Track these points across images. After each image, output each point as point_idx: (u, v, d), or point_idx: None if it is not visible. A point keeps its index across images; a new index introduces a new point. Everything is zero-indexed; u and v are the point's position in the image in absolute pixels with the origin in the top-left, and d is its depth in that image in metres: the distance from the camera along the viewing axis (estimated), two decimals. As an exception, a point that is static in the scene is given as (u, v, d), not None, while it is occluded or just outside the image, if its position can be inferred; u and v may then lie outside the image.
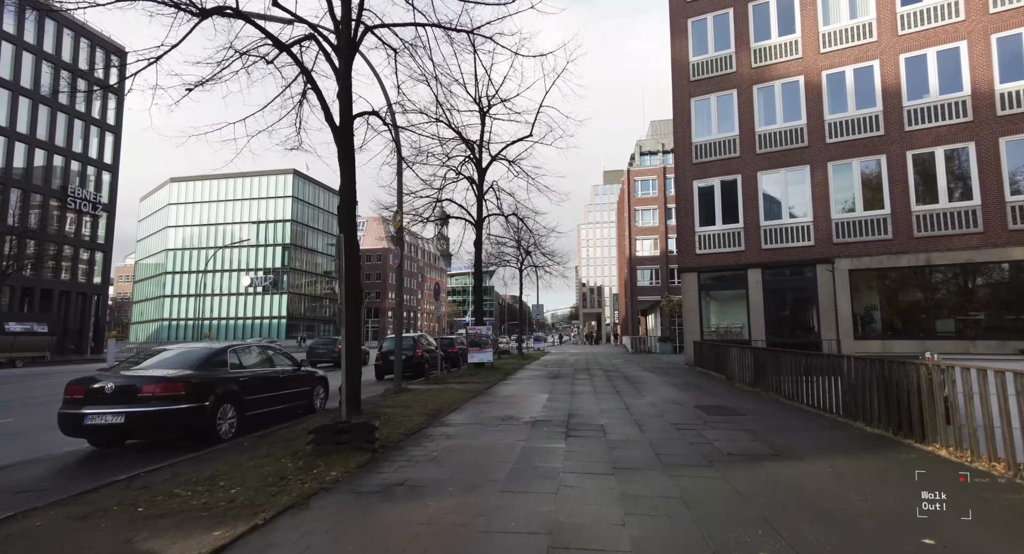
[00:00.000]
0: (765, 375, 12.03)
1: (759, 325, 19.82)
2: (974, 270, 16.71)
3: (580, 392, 12.31)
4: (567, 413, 9.09)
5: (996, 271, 16.62)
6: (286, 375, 9.11)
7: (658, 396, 11.66)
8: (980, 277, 16.85)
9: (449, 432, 7.38)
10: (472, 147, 18.39)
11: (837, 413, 8.45)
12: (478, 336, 18.39)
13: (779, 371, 11.16)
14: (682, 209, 21.86)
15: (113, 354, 26.67)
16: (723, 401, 10.63)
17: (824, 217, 18.96)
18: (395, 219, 12.91)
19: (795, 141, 19.68)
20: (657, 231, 57.08)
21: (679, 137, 22.14)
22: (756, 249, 20.12)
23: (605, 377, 16.38)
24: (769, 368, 11.77)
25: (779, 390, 11.13)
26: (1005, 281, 16.41)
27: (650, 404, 10.28)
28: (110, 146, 44.28)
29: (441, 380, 15.06)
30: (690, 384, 14.08)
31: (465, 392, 12.02)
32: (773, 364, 11.57)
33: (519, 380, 15.54)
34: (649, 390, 12.79)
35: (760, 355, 12.45)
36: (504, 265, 29.74)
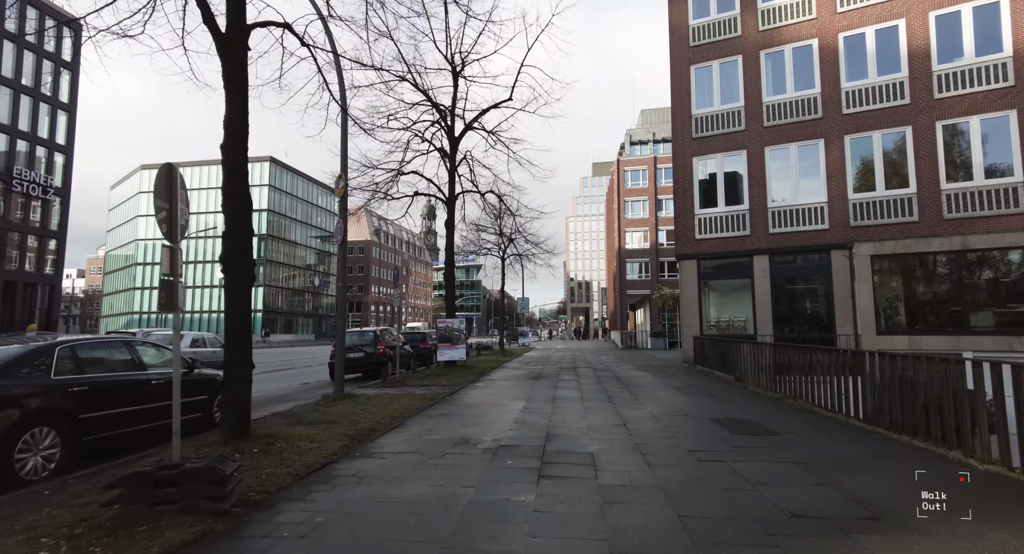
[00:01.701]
0: (788, 377, 9.85)
1: (766, 318, 17.71)
2: (1018, 256, 14.65)
3: (564, 399, 10.03)
4: (544, 432, 6.80)
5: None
6: (164, 380, 6.71)
7: (660, 404, 9.42)
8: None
9: (366, 471, 5.04)
10: (443, 113, 15.98)
11: (905, 431, 6.27)
12: (448, 330, 16.05)
13: (811, 371, 8.97)
14: (680, 189, 19.64)
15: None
16: (742, 411, 8.41)
17: (840, 197, 16.85)
18: (338, 186, 10.51)
19: (807, 112, 17.53)
20: (647, 223, 55.11)
21: (677, 109, 19.90)
22: (763, 233, 17.98)
23: (594, 378, 14.13)
24: (795, 369, 9.59)
25: (808, 397, 8.95)
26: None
27: (652, 417, 8.03)
28: (63, 126, 41.08)
29: (400, 382, 12.72)
30: (694, 387, 11.87)
31: (421, 399, 9.69)
32: (801, 364, 9.38)
33: (493, 382, 13.23)
34: (647, 395, 10.55)
35: (782, 353, 10.25)
36: (485, 254, 27.36)
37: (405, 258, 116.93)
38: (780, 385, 10.20)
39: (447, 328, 16.08)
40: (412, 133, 15.36)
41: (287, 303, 78.71)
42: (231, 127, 5.81)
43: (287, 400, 10.95)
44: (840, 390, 7.90)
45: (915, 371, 6.16)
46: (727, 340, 14.34)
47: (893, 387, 6.51)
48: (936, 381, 5.74)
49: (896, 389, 6.47)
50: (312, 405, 9.44)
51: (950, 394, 5.50)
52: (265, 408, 9.64)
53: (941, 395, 5.62)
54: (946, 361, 5.70)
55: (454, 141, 16.08)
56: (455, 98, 15.83)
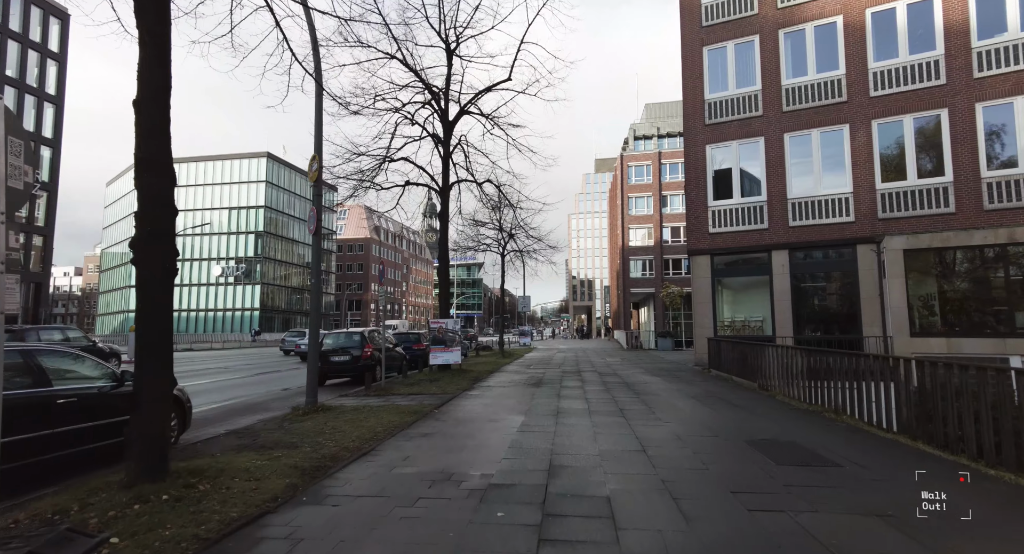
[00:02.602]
0: (826, 387, 8.54)
1: (785, 318, 16.40)
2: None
3: (569, 412, 8.73)
4: (547, 461, 5.51)
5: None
6: (78, 398, 5.44)
7: (680, 419, 8.12)
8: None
9: (307, 528, 3.75)
10: (436, 95, 14.67)
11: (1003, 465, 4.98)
12: (443, 331, 14.74)
13: (856, 379, 7.66)
14: (692, 180, 18.32)
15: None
16: (780, 430, 7.11)
17: (867, 187, 15.52)
18: (311, 169, 9.22)
19: (831, 95, 16.19)
20: (651, 220, 53.77)
21: (689, 94, 18.56)
22: (782, 227, 16.66)
23: (601, 384, 12.83)
24: (838, 377, 8.27)
25: (855, 412, 7.65)
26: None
27: (675, 437, 6.74)
28: (50, 118, 39.86)
29: (386, 390, 11.44)
30: (715, 396, 10.57)
31: (404, 413, 8.40)
32: (846, 371, 8.07)
33: (489, 389, 11.94)
34: (664, 407, 9.26)
35: (819, 359, 8.92)
36: (484, 250, 26.04)
37: (406, 256, 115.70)
38: (815, 395, 8.90)
39: (441, 329, 14.79)
40: (402, 115, 14.06)
41: (285, 301, 77.52)
42: (146, 77, 4.52)
43: (255, 411, 9.68)
44: (897, 403, 6.60)
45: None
46: (748, 342, 13.03)
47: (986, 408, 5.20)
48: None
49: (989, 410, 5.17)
50: (278, 420, 8.17)
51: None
52: (224, 423, 8.38)
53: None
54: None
55: (448, 126, 14.77)
56: (449, 78, 14.52)
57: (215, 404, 10.83)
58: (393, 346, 16.84)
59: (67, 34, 40.88)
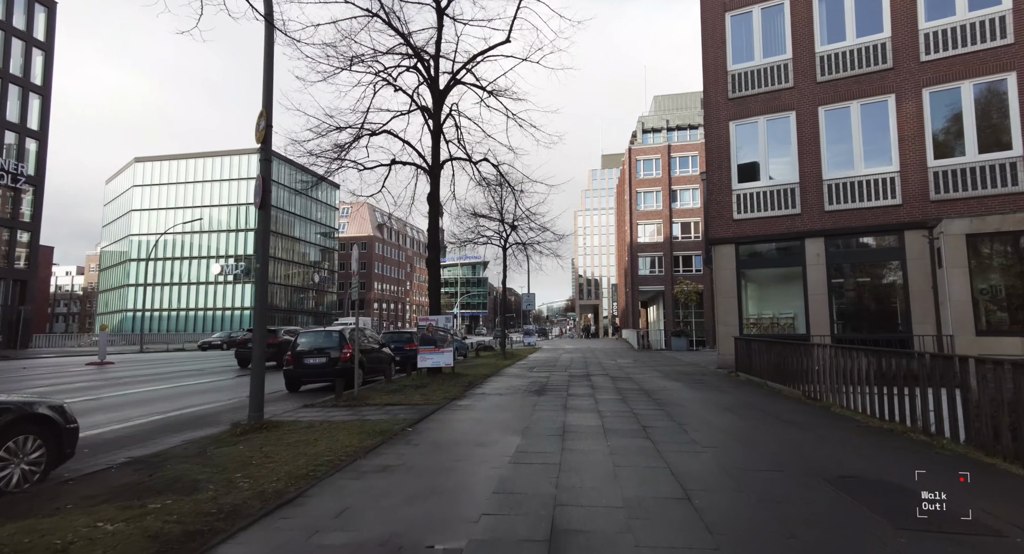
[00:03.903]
0: (909, 398, 6.66)
1: (820, 314, 14.52)
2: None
3: (578, 432, 6.90)
4: (547, 523, 3.69)
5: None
6: None
7: (723, 442, 6.28)
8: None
9: None
10: (425, 61, 12.86)
11: None
12: (432, 330, 12.93)
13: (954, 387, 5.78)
14: (714, 160, 16.42)
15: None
16: (866, 461, 5.25)
17: (917, 165, 13.59)
18: (258, 127, 7.44)
19: (874, 62, 14.27)
20: (661, 215, 51.83)
21: (709, 65, 16.66)
22: (817, 211, 14.76)
23: (615, 392, 10.98)
24: (926, 384, 6.38)
25: (963, 437, 5.77)
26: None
27: (724, 473, 4.91)
28: (36, 110, 38.37)
29: (360, 399, 9.63)
30: (754, 407, 8.71)
31: (367, 433, 6.60)
32: (939, 377, 6.19)
33: (483, 398, 10.11)
34: (696, 423, 7.41)
35: (892, 361, 7.02)
36: (484, 243, 24.23)
37: (409, 254, 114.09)
38: (889, 409, 7.01)
39: (430, 327, 12.96)
40: (383, 80, 12.24)
41: (286, 300, 76.10)
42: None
43: (193, 427, 7.92)
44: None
45: None
46: (787, 342, 11.13)
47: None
48: None
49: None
50: (206, 441, 6.40)
51: None
52: (140, 445, 6.61)
53: None
54: None
55: (438, 95, 12.96)
56: (439, 42, 12.70)
57: (155, 416, 9.08)
58: (379, 346, 15.07)
59: (54, 23, 39.40)
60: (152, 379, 15.57)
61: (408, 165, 13.60)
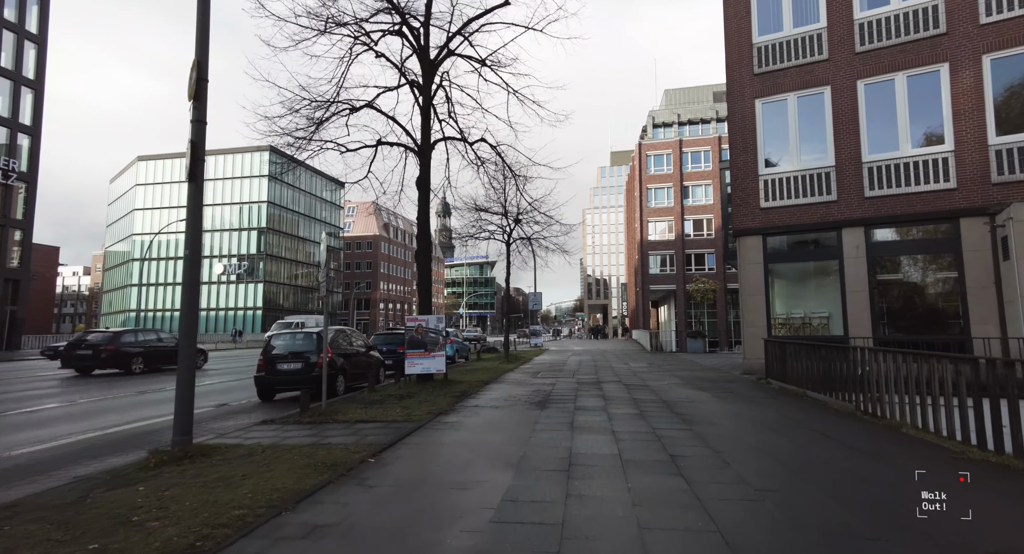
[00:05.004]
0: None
1: (860, 314, 12.87)
2: None
3: (588, 465, 5.34)
4: None
5: None
6: None
7: (783, 481, 4.71)
8: None
9: None
10: (415, 30, 11.35)
11: None
12: (422, 332, 11.39)
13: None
14: (738, 142, 14.78)
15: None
16: (1010, 525, 3.66)
17: (975, 143, 11.90)
18: (191, 80, 5.95)
19: (923, 27, 12.59)
20: (672, 212, 50.03)
21: (732, 37, 15.04)
22: (856, 198, 13.11)
23: (630, 403, 9.39)
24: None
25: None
26: None
27: (800, 536, 3.34)
28: (29, 104, 37.33)
29: (328, 414, 8.11)
30: (805, 427, 7.11)
31: (316, 467, 5.08)
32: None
33: (475, 413, 8.56)
34: (739, 450, 5.83)
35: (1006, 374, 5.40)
36: (486, 239, 22.70)
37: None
38: (998, 436, 5.39)
39: (419, 329, 11.42)
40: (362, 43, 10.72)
41: (291, 301, 75.04)
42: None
43: (120, 450, 6.47)
44: None
45: None
46: (834, 346, 9.49)
47: None
48: None
49: None
50: (106, 477, 4.93)
51: None
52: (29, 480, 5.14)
53: None
54: None
55: (429, 67, 11.46)
56: (430, 4, 11.19)
57: (88, 434, 7.65)
58: (366, 350, 13.58)
59: (47, 15, 38.39)
60: (118, 384, 14.19)
61: (396, 146, 12.09)
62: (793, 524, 3.68)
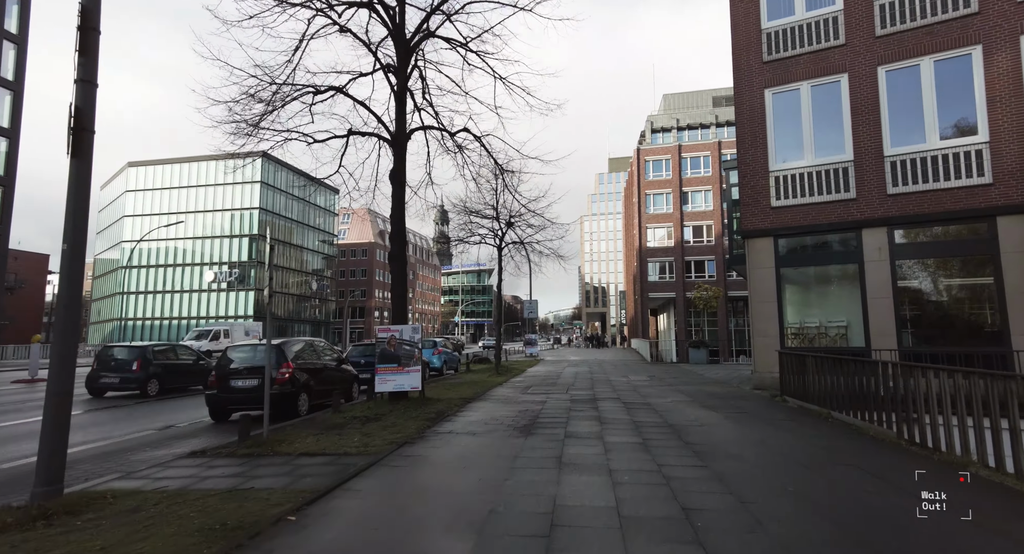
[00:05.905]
0: None
1: (884, 323, 11.60)
2: None
3: (576, 525, 4.06)
4: None
5: None
6: None
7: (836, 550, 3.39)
8: None
9: None
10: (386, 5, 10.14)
11: None
12: (394, 344, 10.06)
13: None
14: (746, 136, 13.58)
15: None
16: None
17: (1012, 133, 10.71)
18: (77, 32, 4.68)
19: (950, 7, 11.45)
20: (671, 218, 48.90)
21: (739, 23, 13.88)
22: (877, 195, 11.89)
23: (632, 430, 8.05)
24: None
25: None
26: None
27: None
28: (7, 106, 36.12)
29: (272, 443, 6.76)
30: (841, 461, 5.80)
31: (212, 535, 3.76)
32: None
33: (446, 442, 7.22)
34: (771, 497, 4.53)
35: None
36: (477, 243, 21.42)
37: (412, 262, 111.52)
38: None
39: (391, 341, 10.09)
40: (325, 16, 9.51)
41: (283, 309, 73.55)
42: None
43: None
44: None
45: None
46: (865, 361, 8.18)
47: None
48: None
49: None
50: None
51: None
52: None
53: None
54: None
55: (405, 49, 10.25)
56: (405, -22, 10.03)
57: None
58: (337, 364, 12.21)
59: (28, 15, 37.28)
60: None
61: (369, 136, 10.84)
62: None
